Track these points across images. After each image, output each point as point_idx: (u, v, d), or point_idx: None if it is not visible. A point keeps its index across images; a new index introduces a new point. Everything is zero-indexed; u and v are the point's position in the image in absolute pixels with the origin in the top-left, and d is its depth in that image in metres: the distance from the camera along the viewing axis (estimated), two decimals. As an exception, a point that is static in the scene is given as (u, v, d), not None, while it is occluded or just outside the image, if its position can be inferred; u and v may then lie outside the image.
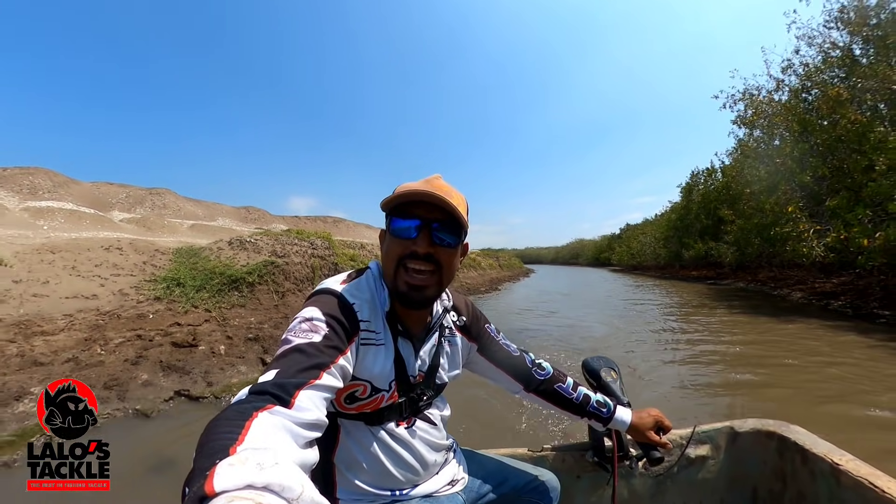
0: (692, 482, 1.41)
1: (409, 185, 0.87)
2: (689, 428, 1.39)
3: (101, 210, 18.48)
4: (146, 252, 8.04)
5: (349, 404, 0.86)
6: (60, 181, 20.01)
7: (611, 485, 1.24)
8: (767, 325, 7.89)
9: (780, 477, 1.33)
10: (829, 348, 5.80)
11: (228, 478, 0.35)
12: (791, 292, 13.62)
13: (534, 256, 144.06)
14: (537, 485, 1.13)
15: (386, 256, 0.89)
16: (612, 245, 62.89)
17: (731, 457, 1.42)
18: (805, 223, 9.58)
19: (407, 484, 0.93)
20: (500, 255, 36.61)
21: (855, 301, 9.78)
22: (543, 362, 1.15)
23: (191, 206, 25.21)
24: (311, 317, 0.75)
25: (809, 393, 4.00)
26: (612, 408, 1.13)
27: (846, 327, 7.41)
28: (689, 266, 26.56)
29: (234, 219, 25.93)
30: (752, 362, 5.15)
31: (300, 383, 0.62)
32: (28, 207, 14.42)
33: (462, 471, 1.08)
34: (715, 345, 6.28)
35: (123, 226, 15.05)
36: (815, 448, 1.22)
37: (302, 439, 0.56)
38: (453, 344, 1.04)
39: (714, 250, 18.52)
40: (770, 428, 1.37)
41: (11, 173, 19.60)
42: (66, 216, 14.39)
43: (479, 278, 19.45)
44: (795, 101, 13.59)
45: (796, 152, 11.20)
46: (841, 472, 1.11)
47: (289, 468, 0.38)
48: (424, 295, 0.86)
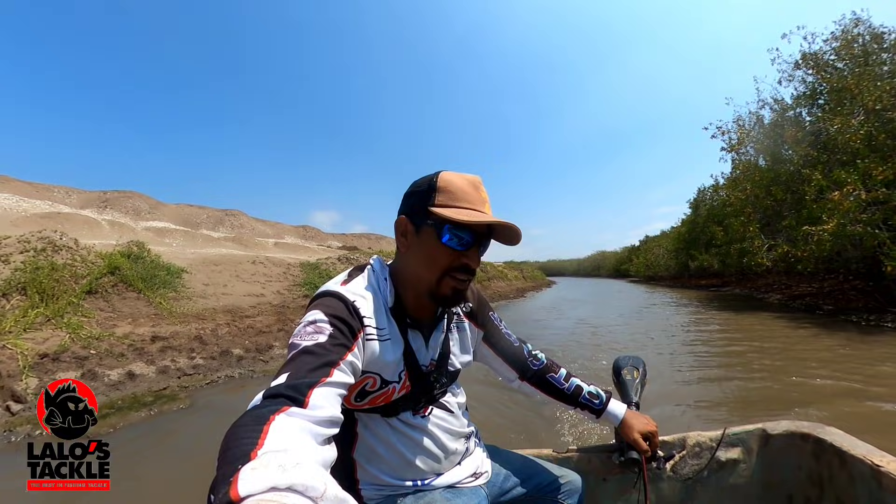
0: (723, 487, 1.35)
1: (458, 184, 0.85)
2: (719, 430, 1.35)
3: (192, 228, 22.40)
4: (280, 266, 11.37)
5: (360, 401, 0.87)
6: (153, 203, 24.27)
7: (637, 488, 1.21)
8: (726, 316, 10.88)
9: (817, 482, 1.27)
10: (763, 328, 8.89)
11: (252, 482, 0.35)
12: (771, 295, 16.27)
13: (556, 269, 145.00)
14: (562, 484, 1.12)
15: (425, 261, 0.87)
16: (631, 257, 64.85)
17: (763, 461, 1.36)
18: (759, 241, 12.40)
19: (429, 473, 0.94)
20: (524, 268, 39.57)
21: (809, 301, 12.47)
22: (538, 352, 1.17)
23: (260, 225, 29.62)
24: (315, 319, 0.76)
25: (727, 356, 6.98)
26: (604, 400, 1.14)
27: (786, 317, 10.35)
28: (697, 276, 28.99)
29: (296, 237, 30.16)
30: (699, 340, 8.15)
31: (312, 382, 0.63)
32: (150, 227, 18.14)
33: (486, 464, 1.08)
34: (683, 329, 9.27)
35: (225, 243, 18.50)
36: (853, 450, 1.16)
37: (320, 437, 0.57)
38: (462, 330, 1.04)
39: (706, 262, 21.20)
40: (805, 430, 1.32)
41: (113, 196, 23.96)
42: (182, 235, 18.00)
43: (507, 287, 22.54)
44: (771, 133, 16.28)
45: (763, 181, 13.99)
46: (882, 474, 1.05)
47: (311, 467, 0.38)
48: (464, 296, 0.90)
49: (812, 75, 14.94)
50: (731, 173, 20.83)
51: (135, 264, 8.21)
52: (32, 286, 6.04)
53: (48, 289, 6.14)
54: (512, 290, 22.03)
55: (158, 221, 21.32)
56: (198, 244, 14.87)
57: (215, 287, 9.31)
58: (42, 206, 17.70)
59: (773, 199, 13.29)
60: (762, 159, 16.39)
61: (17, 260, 6.67)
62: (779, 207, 13.11)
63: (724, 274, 23.42)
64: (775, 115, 16.79)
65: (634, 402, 1.24)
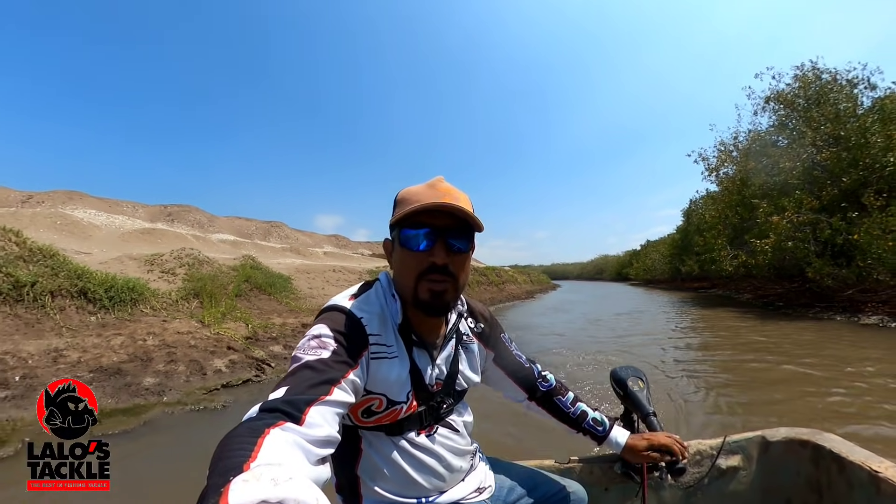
0: (723, 494, 1.38)
1: (413, 190, 0.86)
2: (720, 438, 1.37)
3: (247, 239, 25.70)
4: (354, 273, 14.41)
5: (367, 418, 0.87)
6: (209, 216, 27.73)
7: (639, 497, 1.22)
8: (698, 310, 14.16)
9: (816, 488, 1.30)
10: (713, 315, 12.03)
11: (243, 494, 0.35)
12: (743, 295, 19.44)
13: (560, 272, 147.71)
14: (565, 495, 1.13)
15: (401, 271, 0.88)
16: (631, 261, 67.93)
17: (763, 468, 1.39)
18: (725, 251, 15.66)
19: (433, 490, 0.94)
20: (530, 272, 42.84)
21: (770, 299, 15.66)
22: (548, 374, 1.17)
23: (300, 235, 33.08)
24: (320, 334, 0.76)
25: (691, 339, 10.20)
26: (607, 427, 1.15)
27: (743, 310, 13.58)
28: (688, 279, 32.12)
29: (332, 245, 33.39)
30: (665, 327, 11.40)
31: (310, 399, 0.63)
32: (224, 240, 21.24)
33: (489, 479, 1.08)
34: (662, 318, 12.52)
35: (288, 254, 21.22)
36: (851, 456, 1.19)
37: (314, 456, 0.57)
38: (470, 351, 1.04)
39: (691, 267, 24.46)
40: (804, 437, 1.35)
41: (174, 210, 27.36)
42: (252, 247, 21.00)
43: (518, 290, 25.80)
44: (741, 161, 19.42)
45: (732, 202, 17.20)
46: (881, 479, 1.08)
47: (303, 483, 0.38)
48: (445, 300, 0.86)
49: (780, 111, 17.83)
50: (717, 190, 24.03)
51: (257, 273, 11.34)
52: (204, 292, 8.28)
53: (213, 293, 8.39)
54: (522, 293, 25.33)
55: (220, 234, 24.22)
56: (267, 255, 17.93)
57: (317, 290, 12.28)
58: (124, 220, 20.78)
59: (740, 217, 16.47)
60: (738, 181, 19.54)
61: (181, 273, 9.14)
62: (744, 224, 16.28)
63: (710, 278, 26.50)
64: (747, 143, 19.88)
65: (651, 412, 1.23)
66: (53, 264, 6.64)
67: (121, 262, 9.45)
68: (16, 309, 5.46)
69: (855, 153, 12.06)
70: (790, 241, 12.59)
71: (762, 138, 18.01)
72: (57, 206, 20.74)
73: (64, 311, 5.91)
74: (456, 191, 0.86)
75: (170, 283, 8.85)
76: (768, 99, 18.20)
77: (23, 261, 6.28)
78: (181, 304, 8.05)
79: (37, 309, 5.64)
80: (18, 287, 5.63)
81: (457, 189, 0.87)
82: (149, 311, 7.01)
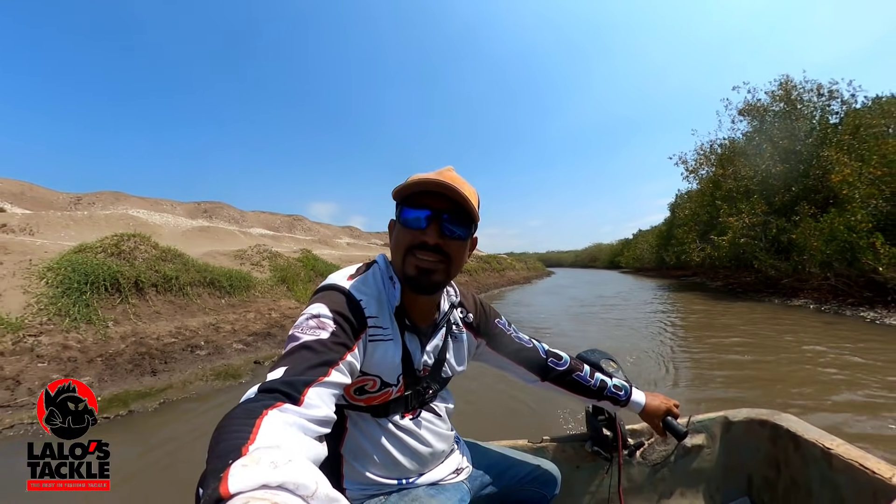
0: (688, 471, 1.46)
1: (422, 175, 0.87)
2: (685, 418, 1.41)
3: (276, 231, 27.96)
4: None
5: (359, 396, 0.88)
6: (240, 212, 30.09)
7: (610, 473, 1.30)
8: (672, 293, 17.10)
9: (774, 464, 1.38)
10: (685, 296, 14.92)
11: (243, 478, 0.35)
12: (716, 282, 22.26)
13: (554, 260, 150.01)
14: (539, 474, 1.17)
15: (395, 246, 0.90)
16: (623, 250, 70.64)
17: (725, 446, 1.47)
18: (694, 244, 18.61)
19: (414, 472, 0.96)
20: (526, 260, 45.88)
21: (734, 287, 18.60)
22: (559, 352, 1.18)
23: (320, 227, 35.47)
24: (319, 314, 0.76)
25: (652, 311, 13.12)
26: (628, 390, 1.20)
27: (710, 295, 16.43)
28: (672, 268, 35.03)
29: (348, 237, 35.80)
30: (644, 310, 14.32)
31: (309, 380, 0.63)
32: (263, 234, 22.42)
33: (466, 461, 1.11)
34: (643, 301, 15.44)
35: (319, 246, 22.23)
36: (806, 434, 1.26)
37: (313, 435, 0.57)
38: (459, 340, 1.06)
39: (669, 257, 27.50)
40: (763, 417, 1.43)
41: (208, 206, 29.55)
42: (289, 240, 21.59)
43: (517, 275, 28.71)
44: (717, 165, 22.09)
45: (703, 202, 20.09)
46: (832, 455, 1.15)
47: (302, 465, 0.38)
48: (432, 279, 0.87)
49: (754, 121, 20.04)
50: (697, 188, 26.60)
51: (319, 263, 13.87)
52: (288, 279, 9.82)
53: (294, 280, 10.06)
54: (521, 278, 28.26)
55: (254, 228, 25.64)
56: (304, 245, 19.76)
57: (362, 279, 14.79)
58: (171, 218, 22.31)
59: (709, 216, 19.34)
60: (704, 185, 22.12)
61: (265, 265, 10.85)
62: (713, 222, 19.15)
63: (690, 266, 29.35)
64: (721, 150, 22.39)
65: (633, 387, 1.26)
66: (183, 262, 7.76)
67: (213, 258, 11.84)
68: (168, 297, 6.60)
69: (806, 167, 14.74)
70: (743, 238, 15.47)
71: (735, 146, 20.63)
72: (107, 206, 22.08)
73: (201, 297, 7.16)
74: (462, 181, 0.88)
75: (261, 272, 11.32)
76: (741, 111, 20.78)
77: (162, 261, 7.37)
78: (276, 288, 10.62)
79: (183, 297, 6.77)
80: (167, 280, 6.76)
81: (465, 180, 0.89)
82: (258, 294, 8.56)
